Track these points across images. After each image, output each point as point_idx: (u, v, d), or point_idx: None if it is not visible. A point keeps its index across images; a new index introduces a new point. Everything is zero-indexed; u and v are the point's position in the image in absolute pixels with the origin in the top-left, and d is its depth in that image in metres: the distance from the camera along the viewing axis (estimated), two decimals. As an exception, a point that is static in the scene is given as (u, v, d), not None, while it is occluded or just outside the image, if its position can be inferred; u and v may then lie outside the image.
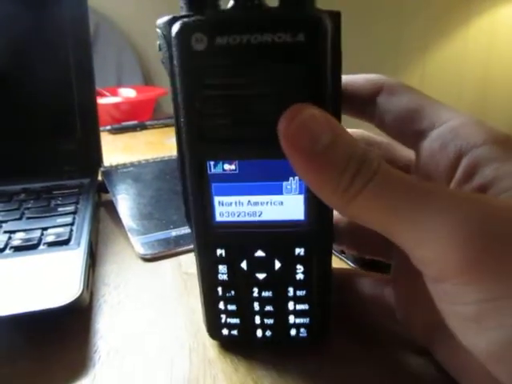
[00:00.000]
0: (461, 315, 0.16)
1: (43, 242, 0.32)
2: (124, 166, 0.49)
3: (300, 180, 0.21)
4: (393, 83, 0.22)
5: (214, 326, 0.25)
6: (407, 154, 0.24)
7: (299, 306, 0.23)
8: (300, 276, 0.23)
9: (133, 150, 0.74)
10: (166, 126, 0.87)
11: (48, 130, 0.48)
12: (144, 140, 0.80)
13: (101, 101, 0.86)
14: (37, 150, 0.47)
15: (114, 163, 0.50)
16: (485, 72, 2.18)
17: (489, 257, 0.15)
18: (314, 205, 0.21)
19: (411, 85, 0.22)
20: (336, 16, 0.19)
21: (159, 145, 0.76)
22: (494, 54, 2.17)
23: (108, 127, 0.82)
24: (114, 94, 0.97)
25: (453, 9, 2.02)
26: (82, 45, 0.47)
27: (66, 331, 0.27)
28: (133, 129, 0.84)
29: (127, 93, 0.98)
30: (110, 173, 0.47)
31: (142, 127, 0.85)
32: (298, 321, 0.24)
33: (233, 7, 0.19)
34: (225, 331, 0.24)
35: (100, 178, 0.47)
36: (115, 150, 0.72)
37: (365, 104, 0.23)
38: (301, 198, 0.21)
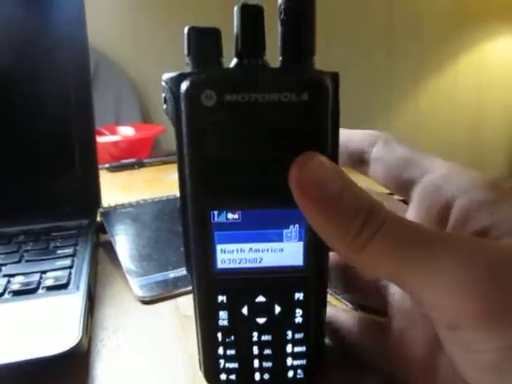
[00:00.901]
0: (478, 364, 0.16)
1: (42, 285, 0.32)
2: (122, 206, 0.49)
3: (300, 227, 0.21)
4: (387, 136, 0.23)
5: (212, 371, 0.25)
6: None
7: (297, 349, 0.24)
8: (299, 319, 0.23)
9: (131, 187, 0.74)
10: (164, 163, 0.88)
11: (47, 170, 0.48)
12: (142, 178, 0.81)
13: (100, 139, 0.88)
14: (36, 190, 0.47)
15: (112, 202, 0.51)
16: (476, 104, 2.24)
17: (509, 303, 0.15)
18: (313, 251, 0.22)
19: (405, 120, 0.24)
20: (335, 76, 0.20)
21: (157, 182, 0.77)
22: (484, 86, 2.23)
23: (106, 165, 0.83)
24: (113, 132, 0.99)
25: (443, 44, 2.09)
26: (83, 84, 0.48)
27: (63, 378, 0.26)
28: (131, 166, 0.85)
29: (126, 131, 0.99)
30: (108, 213, 0.47)
31: (140, 165, 0.86)
32: (295, 363, 0.24)
33: (237, 65, 0.20)
34: (223, 376, 0.24)
35: (98, 218, 0.47)
36: (113, 188, 0.72)
37: (361, 155, 0.23)
38: (300, 245, 0.22)
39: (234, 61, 0.20)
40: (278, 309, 0.23)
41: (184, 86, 0.19)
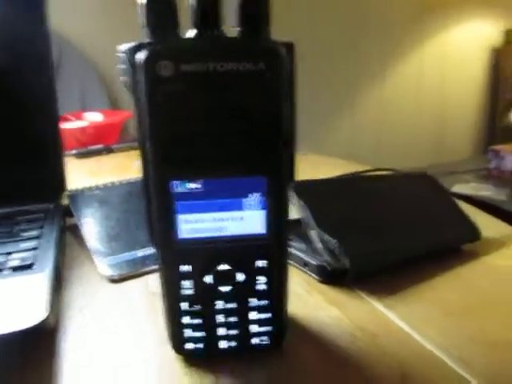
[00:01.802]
0: None
1: (7, 266, 0.31)
2: (90, 189, 0.49)
3: (261, 196, 0.22)
4: None
5: (179, 341, 0.25)
6: None
7: (262, 315, 0.24)
8: (262, 286, 0.24)
9: (99, 174, 0.73)
10: (133, 149, 0.87)
11: (12, 155, 0.47)
12: (110, 164, 0.80)
13: (66, 125, 0.86)
14: (0, 175, 0.46)
15: (79, 187, 0.50)
16: (440, 87, 2.29)
17: None
18: (274, 219, 0.22)
19: (372, 102, 0.24)
20: (290, 46, 0.21)
21: (126, 168, 0.76)
22: (448, 70, 2.28)
23: (73, 151, 0.81)
24: (80, 118, 0.97)
25: (409, 29, 2.13)
26: (44, 69, 0.47)
27: (31, 354, 0.26)
28: (99, 153, 0.84)
29: (94, 117, 0.98)
30: (75, 197, 0.47)
31: (109, 151, 0.85)
32: (260, 329, 0.25)
33: (194, 36, 0.20)
34: (190, 345, 0.25)
35: (66, 202, 0.47)
36: (81, 174, 0.71)
37: None
38: (262, 214, 0.22)
39: (191, 31, 0.21)
40: (241, 276, 0.23)
41: (141, 56, 0.19)
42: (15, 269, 0.31)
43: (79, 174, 0.71)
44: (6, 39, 0.45)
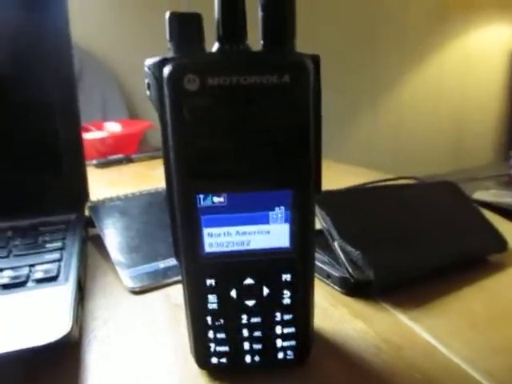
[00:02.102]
0: None
1: (31, 278, 0.32)
2: (111, 199, 0.49)
3: (285, 209, 0.22)
4: None
5: (202, 356, 0.25)
6: None
7: (286, 330, 0.24)
8: (287, 301, 0.23)
9: (119, 183, 0.74)
10: (152, 158, 0.88)
11: (34, 166, 0.48)
12: (130, 173, 0.81)
13: (86, 136, 0.87)
14: (23, 187, 0.47)
15: (100, 197, 0.51)
16: (461, 94, 2.26)
17: None
18: (299, 233, 0.22)
19: (391, 109, 0.24)
20: (316, 58, 0.21)
21: (146, 177, 0.77)
22: (468, 76, 2.25)
23: (94, 161, 0.82)
24: (100, 128, 0.98)
25: (428, 35, 2.11)
26: (67, 81, 0.48)
27: (56, 368, 0.26)
28: (119, 162, 0.85)
29: (113, 127, 0.99)
30: (96, 207, 0.47)
31: (128, 160, 0.86)
32: (285, 344, 0.24)
33: (219, 50, 0.20)
34: (214, 360, 0.25)
35: (87, 212, 0.47)
36: (101, 184, 0.72)
37: None
38: (286, 227, 0.22)
39: (216, 45, 0.21)
40: (266, 290, 0.23)
41: (166, 70, 0.19)
42: (39, 281, 0.31)
43: (99, 183, 0.72)
44: (29, 50, 0.46)
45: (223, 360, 0.25)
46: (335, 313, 0.32)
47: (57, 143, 0.48)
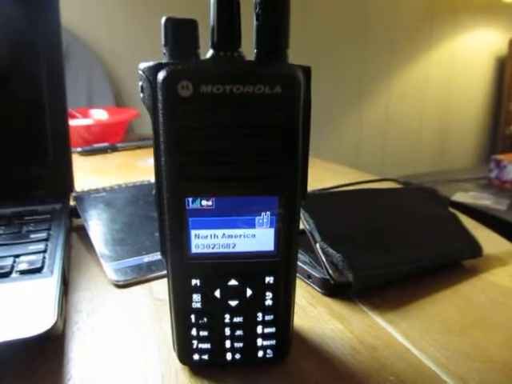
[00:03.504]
0: None
1: (15, 269, 0.32)
2: (96, 190, 0.49)
3: (271, 214, 0.22)
4: None
5: (185, 352, 0.26)
6: None
7: (267, 330, 0.25)
8: (269, 302, 0.24)
9: (104, 172, 0.74)
10: (138, 147, 0.88)
11: (19, 154, 0.48)
12: (115, 162, 0.80)
13: (72, 123, 0.86)
14: (8, 174, 0.46)
15: (84, 186, 0.51)
16: (446, 95, 2.29)
17: None
18: (283, 237, 0.23)
19: (377, 108, 0.24)
20: (307, 70, 0.21)
21: (131, 167, 0.77)
22: (454, 78, 2.28)
23: (79, 149, 0.81)
24: (86, 115, 0.97)
25: (415, 36, 2.13)
26: (55, 67, 0.48)
27: (39, 360, 0.27)
28: (104, 151, 0.84)
29: (99, 114, 0.98)
30: (81, 198, 0.47)
31: (114, 149, 0.86)
32: (265, 343, 0.25)
33: (213, 57, 0.21)
34: (196, 356, 0.25)
35: (72, 202, 0.47)
36: (86, 172, 0.72)
37: None
38: (271, 231, 0.23)
39: (210, 52, 0.21)
40: (249, 292, 0.24)
41: (161, 75, 0.20)
42: (23, 272, 0.31)
43: (84, 171, 0.71)
44: (16, 36, 0.46)
45: (205, 357, 0.25)
46: (314, 312, 0.33)
47: (43, 132, 0.47)
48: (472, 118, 2.43)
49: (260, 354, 0.26)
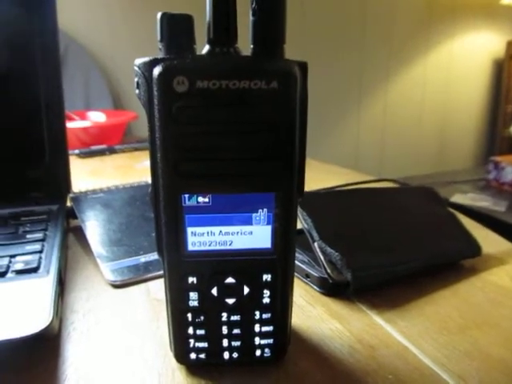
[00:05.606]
0: None
1: (11, 269, 0.31)
2: (93, 191, 0.49)
3: (268, 211, 0.22)
4: None
5: (182, 351, 0.25)
6: None
7: (265, 328, 0.25)
8: (266, 300, 0.24)
9: (101, 174, 0.74)
10: (136, 149, 0.87)
11: (16, 155, 0.48)
12: (113, 164, 0.80)
13: (70, 125, 0.86)
14: (4, 175, 0.46)
15: (82, 187, 0.51)
16: (444, 97, 2.30)
17: None
18: (280, 234, 0.23)
19: (375, 110, 0.24)
20: (303, 65, 0.21)
21: (129, 169, 0.76)
22: (452, 81, 2.29)
23: (76, 151, 0.81)
24: (83, 117, 0.97)
25: (413, 39, 2.14)
26: (52, 69, 0.47)
27: (35, 359, 0.27)
28: (102, 153, 0.84)
29: (97, 116, 0.98)
30: (79, 199, 0.47)
31: (111, 151, 0.85)
32: (262, 342, 0.25)
33: (209, 53, 0.21)
34: (192, 355, 0.25)
35: (69, 203, 0.47)
36: (84, 174, 0.72)
37: None
38: (268, 229, 0.22)
39: (207, 48, 0.21)
40: (246, 290, 0.24)
41: (157, 71, 0.20)
42: (19, 272, 0.31)
43: (82, 173, 0.71)
44: (13, 39, 0.46)
45: (202, 356, 0.25)
46: (313, 312, 0.33)
47: (40, 133, 0.47)
48: (470, 119, 2.43)
49: (258, 353, 0.25)
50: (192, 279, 0.23)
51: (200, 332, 0.24)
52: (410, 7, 2.08)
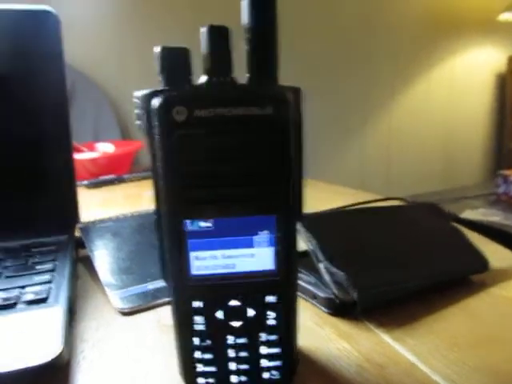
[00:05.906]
0: None
1: (21, 300, 0.32)
2: (102, 221, 0.50)
3: (270, 233, 0.23)
4: None
5: (190, 376, 0.25)
6: None
7: (272, 350, 0.25)
8: (272, 321, 0.24)
9: (110, 203, 0.75)
10: (144, 179, 0.89)
11: (24, 187, 0.49)
12: (122, 194, 0.81)
13: (78, 156, 0.88)
14: (14, 208, 0.47)
15: (91, 218, 0.51)
16: (448, 113, 2.30)
17: None
18: (283, 256, 0.23)
19: (381, 129, 0.25)
20: (297, 91, 0.22)
21: (137, 198, 0.77)
22: (455, 97, 2.30)
23: (85, 182, 0.83)
24: (92, 148, 0.99)
25: (416, 57, 2.16)
26: (59, 101, 0.49)
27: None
28: (110, 183, 0.85)
29: (105, 147, 1.00)
30: (87, 228, 0.48)
31: (120, 181, 0.87)
32: (270, 364, 0.25)
33: (207, 82, 0.22)
34: (201, 380, 0.25)
35: (78, 233, 0.48)
36: (93, 204, 0.73)
37: None
38: (271, 250, 0.23)
39: (204, 78, 0.22)
40: (251, 312, 0.24)
41: (156, 102, 0.21)
42: (29, 303, 0.32)
43: (91, 203, 0.72)
44: (21, 70, 0.47)
45: (210, 380, 0.25)
46: (321, 333, 0.32)
47: (48, 166, 0.49)
48: (475, 134, 2.44)
49: (266, 375, 0.25)
50: (197, 303, 0.23)
51: (207, 356, 0.25)
52: (414, 26, 2.12)
